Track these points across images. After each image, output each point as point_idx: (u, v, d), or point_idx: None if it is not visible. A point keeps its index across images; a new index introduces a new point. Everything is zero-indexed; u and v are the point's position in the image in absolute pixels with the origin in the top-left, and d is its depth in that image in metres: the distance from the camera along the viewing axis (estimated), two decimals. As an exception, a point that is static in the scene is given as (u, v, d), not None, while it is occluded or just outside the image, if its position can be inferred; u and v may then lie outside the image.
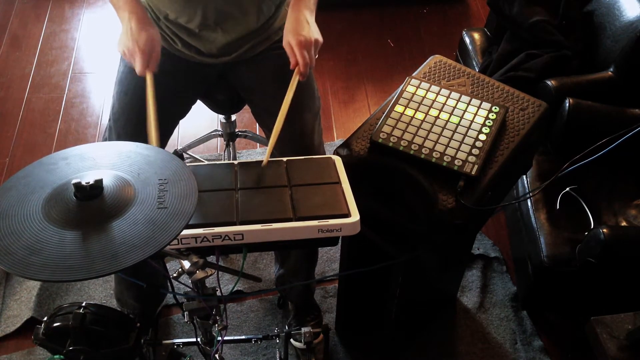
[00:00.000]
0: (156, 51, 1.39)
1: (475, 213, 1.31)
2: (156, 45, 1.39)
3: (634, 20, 1.95)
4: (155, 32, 1.41)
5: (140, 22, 1.39)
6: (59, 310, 1.27)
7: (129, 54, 1.38)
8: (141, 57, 1.35)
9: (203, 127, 2.53)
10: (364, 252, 1.51)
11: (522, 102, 1.48)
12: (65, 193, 0.96)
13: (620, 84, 1.98)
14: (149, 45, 1.37)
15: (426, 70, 1.56)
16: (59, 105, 2.73)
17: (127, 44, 1.38)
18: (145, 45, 1.36)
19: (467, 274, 2.14)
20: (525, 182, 2.00)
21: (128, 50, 1.37)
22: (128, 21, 1.39)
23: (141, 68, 1.36)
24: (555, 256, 1.77)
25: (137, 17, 1.39)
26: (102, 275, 0.87)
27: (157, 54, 1.39)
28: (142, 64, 1.35)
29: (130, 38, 1.37)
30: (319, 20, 1.47)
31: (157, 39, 1.40)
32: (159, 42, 1.41)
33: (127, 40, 1.38)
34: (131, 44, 1.37)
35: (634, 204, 1.88)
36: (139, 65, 1.35)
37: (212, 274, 1.17)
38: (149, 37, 1.38)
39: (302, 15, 1.42)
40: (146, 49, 1.36)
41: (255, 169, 1.26)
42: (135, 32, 1.37)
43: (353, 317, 1.94)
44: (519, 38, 2.22)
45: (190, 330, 1.94)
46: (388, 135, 1.37)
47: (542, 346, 1.97)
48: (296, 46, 1.37)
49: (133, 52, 1.36)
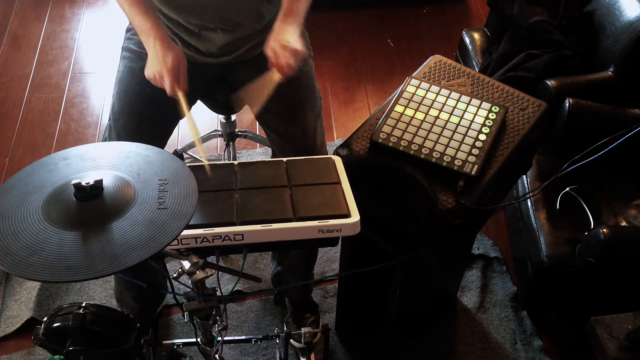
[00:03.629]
0: (183, 72, 1.39)
1: (475, 213, 1.31)
2: (182, 66, 1.40)
3: (634, 20, 1.95)
4: (180, 51, 1.42)
5: (164, 43, 1.39)
6: (59, 311, 1.27)
7: (159, 77, 1.38)
8: (169, 78, 1.35)
9: (203, 127, 2.53)
10: (364, 252, 1.51)
11: (522, 102, 1.48)
12: (65, 193, 0.96)
13: (620, 84, 1.98)
14: (176, 64, 1.37)
15: (426, 70, 1.56)
16: (59, 105, 2.73)
17: (155, 67, 1.38)
18: (172, 65, 1.36)
19: (467, 274, 2.14)
20: (525, 182, 2.00)
21: (157, 73, 1.37)
22: (153, 46, 1.39)
23: (170, 88, 1.36)
24: (555, 256, 1.77)
25: (160, 40, 1.40)
26: (102, 275, 0.87)
27: (184, 75, 1.40)
28: (170, 84, 1.36)
29: (157, 61, 1.38)
30: (319, 20, 1.47)
31: (182, 56, 1.41)
32: (184, 60, 1.41)
33: (155, 64, 1.38)
34: (159, 66, 1.37)
35: (634, 204, 1.88)
36: (168, 86, 1.36)
37: (212, 274, 1.17)
38: (175, 57, 1.38)
39: (289, 28, 1.42)
40: (173, 68, 1.36)
41: (256, 169, 1.26)
42: (161, 55, 1.37)
43: (353, 317, 1.94)
44: (519, 38, 2.22)
45: (190, 330, 1.94)
46: (388, 135, 1.37)
47: (542, 346, 1.97)
48: (280, 49, 1.37)
49: (162, 74, 1.36)
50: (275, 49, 1.38)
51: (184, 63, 1.40)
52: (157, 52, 1.38)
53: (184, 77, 1.39)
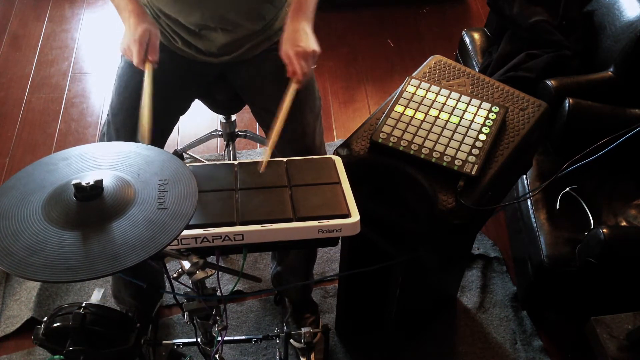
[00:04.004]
0: (152, 42, 1.40)
1: (475, 213, 1.31)
2: (153, 37, 1.40)
3: (634, 20, 1.95)
4: (153, 26, 1.42)
5: (137, 18, 1.41)
6: (58, 311, 1.27)
7: (128, 50, 1.40)
8: (137, 49, 1.37)
9: (203, 127, 2.53)
10: (364, 252, 1.51)
11: (522, 102, 1.48)
12: (65, 193, 0.96)
13: (620, 84, 1.98)
14: (145, 37, 1.38)
15: (426, 70, 1.56)
16: (59, 105, 2.73)
17: (125, 41, 1.40)
18: (142, 38, 1.38)
19: (467, 274, 2.14)
20: (525, 182, 2.00)
21: (127, 45, 1.40)
22: (128, 20, 1.42)
23: (138, 59, 1.37)
24: (555, 256, 1.77)
25: (135, 14, 1.42)
26: (102, 275, 0.87)
27: (154, 45, 1.40)
28: (138, 56, 1.37)
29: (129, 35, 1.40)
30: (319, 20, 1.47)
31: (154, 31, 1.41)
32: (156, 35, 1.42)
33: (127, 36, 1.40)
34: (129, 39, 1.39)
35: (634, 204, 1.88)
36: (136, 57, 1.37)
37: (212, 274, 1.17)
38: (145, 30, 1.39)
39: (301, 26, 1.42)
40: (143, 41, 1.38)
41: (256, 169, 1.26)
42: (133, 27, 1.39)
43: (353, 317, 1.94)
44: (519, 38, 2.22)
45: (190, 330, 1.94)
46: (388, 135, 1.37)
47: (542, 346, 1.97)
48: (294, 56, 1.37)
49: (130, 45, 1.38)
50: (290, 56, 1.38)
51: (155, 34, 1.41)
52: (129, 26, 1.40)
53: (153, 48, 1.39)
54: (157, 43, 1.41)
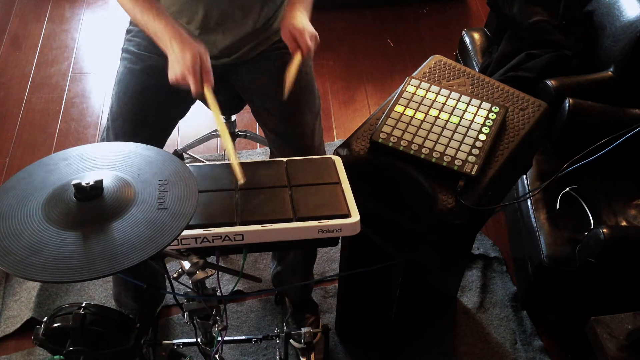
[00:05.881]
0: (205, 66, 1.31)
1: (475, 213, 1.31)
2: (204, 59, 1.31)
3: (634, 20, 1.95)
4: (200, 46, 1.33)
5: (180, 42, 1.31)
6: (58, 311, 1.27)
7: (181, 79, 1.30)
8: (192, 77, 1.28)
9: (203, 127, 2.53)
10: (364, 252, 1.51)
11: (522, 102, 1.48)
12: (66, 194, 0.96)
13: (620, 84, 1.98)
14: (197, 63, 1.29)
15: (426, 70, 1.56)
16: (59, 105, 2.73)
17: (176, 69, 1.30)
18: (194, 65, 1.29)
19: (467, 274, 2.14)
20: (525, 182, 2.00)
21: (179, 75, 1.30)
22: (171, 47, 1.32)
23: (195, 87, 1.28)
24: (555, 256, 1.77)
25: (177, 39, 1.32)
26: (102, 276, 0.87)
27: (207, 69, 1.31)
28: (195, 85, 1.28)
29: (176, 62, 1.30)
30: (319, 20, 1.48)
31: (202, 50, 1.32)
32: (206, 55, 1.32)
33: (175, 66, 1.31)
34: (179, 68, 1.29)
35: (634, 204, 1.88)
36: (193, 87, 1.28)
37: (212, 274, 1.17)
38: (194, 54, 1.29)
39: (299, 13, 1.43)
40: (196, 68, 1.29)
41: (256, 169, 1.26)
42: (179, 54, 1.30)
43: (353, 317, 1.94)
44: (519, 38, 2.22)
45: (190, 330, 1.94)
46: (388, 135, 1.37)
47: (542, 346, 1.97)
48: (299, 32, 1.38)
49: (183, 75, 1.29)
50: (294, 33, 1.39)
51: (205, 57, 1.31)
52: (175, 52, 1.31)
53: (207, 73, 1.30)
54: (209, 63, 1.31)
